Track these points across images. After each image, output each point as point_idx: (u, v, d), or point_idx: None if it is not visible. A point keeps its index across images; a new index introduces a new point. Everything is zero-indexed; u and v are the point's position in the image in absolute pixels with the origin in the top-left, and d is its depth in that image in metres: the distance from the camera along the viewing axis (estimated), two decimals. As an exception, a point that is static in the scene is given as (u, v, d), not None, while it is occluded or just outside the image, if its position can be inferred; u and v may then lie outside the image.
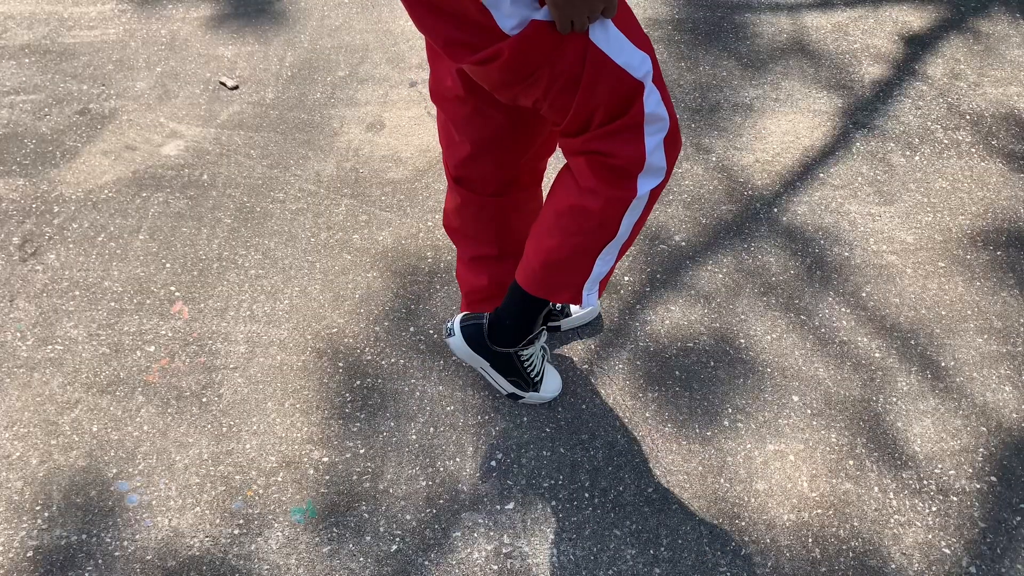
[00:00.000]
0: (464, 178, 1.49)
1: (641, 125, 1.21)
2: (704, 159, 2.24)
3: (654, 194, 1.30)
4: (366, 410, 1.71)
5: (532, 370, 1.66)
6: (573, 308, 1.83)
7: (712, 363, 1.79)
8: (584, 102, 1.17)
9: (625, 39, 1.14)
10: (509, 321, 1.54)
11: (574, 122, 1.21)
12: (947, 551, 1.51)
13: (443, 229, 2.06)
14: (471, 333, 1.58)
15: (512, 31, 1.09)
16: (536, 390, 1.69)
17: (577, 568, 1.49)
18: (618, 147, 1.22)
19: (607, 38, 1.13)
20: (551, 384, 1.72)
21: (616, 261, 1.43)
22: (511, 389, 1.68)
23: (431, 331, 1.85)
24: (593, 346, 1.82)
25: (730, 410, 1.71)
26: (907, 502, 1.57)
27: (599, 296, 1.48)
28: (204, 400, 1.72)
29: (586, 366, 1.79)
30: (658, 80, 1.21)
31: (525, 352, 1.62)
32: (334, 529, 1.54)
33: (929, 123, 2.35)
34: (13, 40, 2.64)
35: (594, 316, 1.86)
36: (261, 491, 1.59)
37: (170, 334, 1.84)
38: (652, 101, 1.20)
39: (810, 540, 1.52)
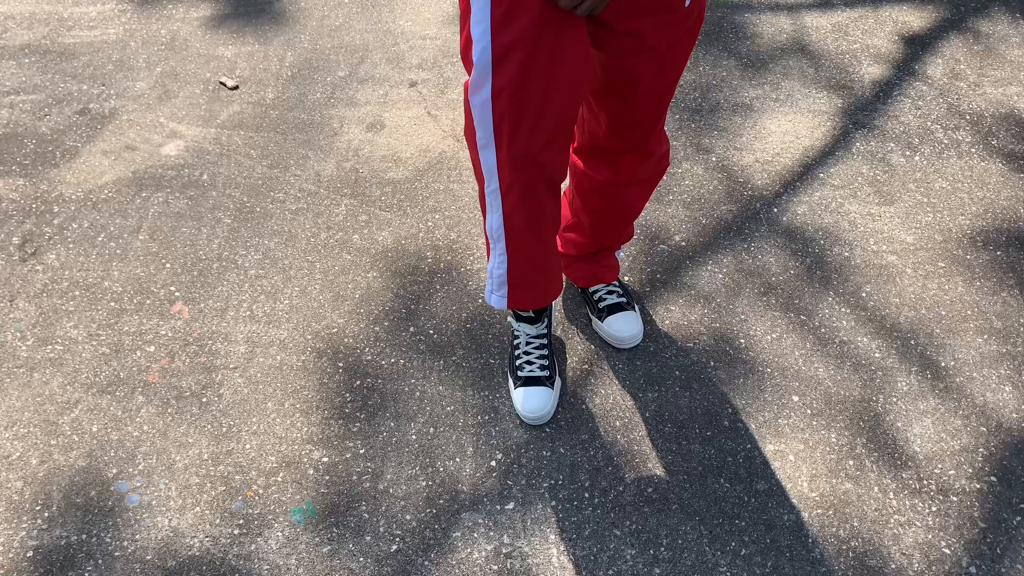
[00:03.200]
0: None
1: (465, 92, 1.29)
2: (704, 159, 2.24)
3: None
4: (366, 410, 1.71)
5: (516, 355, 1.71)
6: (614, 327, 1.80)
7: (712, 363, 1.79)
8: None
9: (487, 25, 1.17)
10: None
11: None
12: (947, 551, 1.51)
13: (443, 229, 2.06)
14: None
15: None
16: (513, 384, 1.70)
17: (577, 568, 1.49)
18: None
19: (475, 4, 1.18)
20: (523, 398, 1.67)
21: (500, 259, 1.50)
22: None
23: (431, 331, 1.85)
24: (593, 346, 1.82)
25: (730, 410, 1.71)
26: (907, 502, 1.57)
27: (508, 305, 1.58)
28: (204, 400, 1.72)
29: (586, 366, 1.79)
30: (500, 90, 1.22)
31: (515, 326, 1.71)
32: (334, 529, 1.54)
33: (929, 123, 2.36)
34: (13, 40, 2.64)
35: (632, 343, 1.82)
36: (261, 491, 1.59)
37: (170, 334, 1.84)
38: (476, 98, 1.24)
39: (810, 540, 1.52)
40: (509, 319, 1.74)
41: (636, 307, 1.85)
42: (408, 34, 2.68)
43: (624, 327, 1.79)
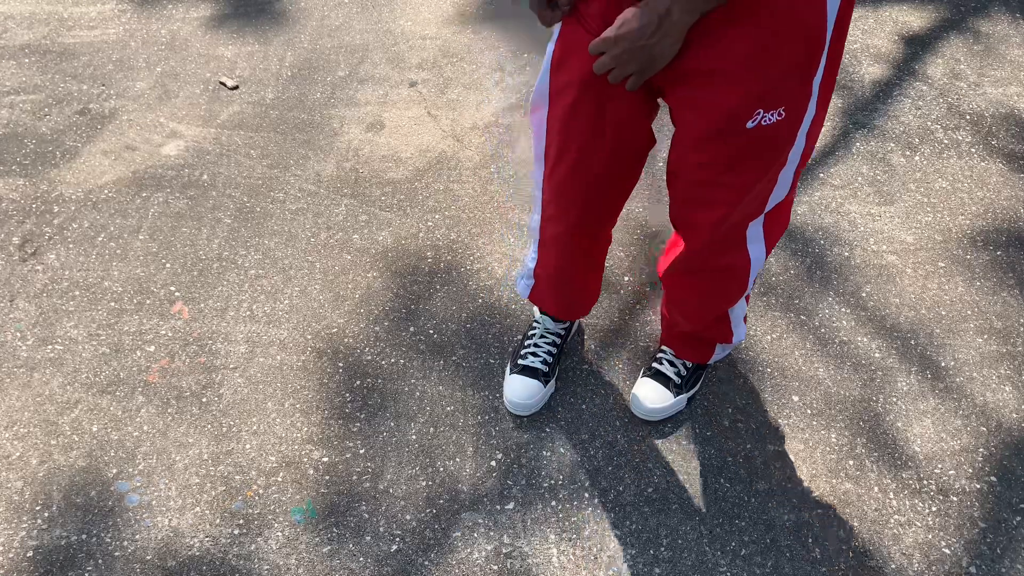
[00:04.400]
0: None
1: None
2: (704, 159, 2.24)
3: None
4: (366, 410, 1.71)
5: (525, 344, 1.73)
6: (637, 392, 1.68)
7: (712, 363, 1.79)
8: None
9: (550, 60, 1.24)
10: None
11: None
12: (947, 551, 1.51)
13: (443, 229, 2.06)
14: None
15: None
16: (510, 370, 1.71)
17: (577, 568, 1.49)
18: None
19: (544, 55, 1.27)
20: (515, 384, 1.67)
21: (533, 255, 1.58)
22: None
23: (431, 331, 1.85)
24: (593, 346, 1.82)
25: (730, 410, 1.71)
26: (907, 502, 1.57)
27: (529, 296, 1.66)
28: (204, 400, 1.72)
29: (586, 366, 1.79)
30: (553, 119, 1.28)
31: (537, 317, 1.73)
32: (334, 529, 1.54)
33: (929, 123, 2.36)
34: (13, 40, 2.64)
35: (645, 416, 1.68)
36: (261, 491, 1.59)
37: (170, 334, 1.84)
38: (535, 116, 1.32)
39: (810, 540, 1.52)
40: (534, 308, 1.78)
41: (682, 394, 1.67)
42: (408, 34, 2.68)
43: (644, 397, 1.66)
